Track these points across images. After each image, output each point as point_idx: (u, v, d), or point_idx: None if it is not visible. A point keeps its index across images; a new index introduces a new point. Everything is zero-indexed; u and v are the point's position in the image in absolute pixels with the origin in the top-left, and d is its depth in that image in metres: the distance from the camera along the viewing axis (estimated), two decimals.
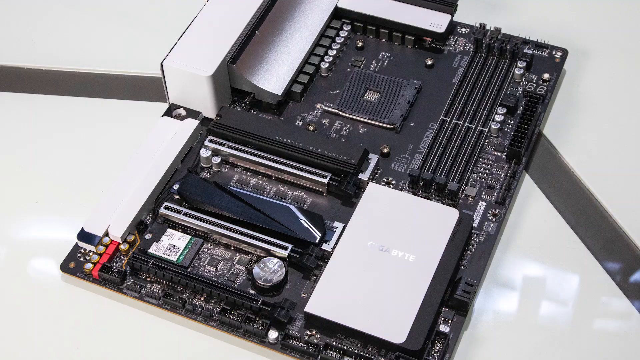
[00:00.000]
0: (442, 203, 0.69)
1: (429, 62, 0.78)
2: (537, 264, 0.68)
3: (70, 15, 0.85)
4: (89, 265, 0.67)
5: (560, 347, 0.63)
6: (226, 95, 0.76)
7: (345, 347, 0.62)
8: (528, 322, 0.65)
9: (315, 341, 0.63)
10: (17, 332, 0.65)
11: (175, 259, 0.67)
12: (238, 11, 0.76)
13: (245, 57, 0.75)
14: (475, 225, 0.68)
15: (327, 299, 0.63)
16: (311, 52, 0.78)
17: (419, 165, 0.71)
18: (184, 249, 0.67)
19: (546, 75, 0.76)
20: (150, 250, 0.67)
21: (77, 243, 0.68)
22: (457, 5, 0.79)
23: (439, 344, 0.62)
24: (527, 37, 0.78)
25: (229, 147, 0.72)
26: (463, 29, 0.80)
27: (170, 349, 0.64)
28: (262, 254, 0.67)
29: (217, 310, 0.64)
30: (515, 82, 0.76)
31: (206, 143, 0.72)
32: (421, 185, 0.70)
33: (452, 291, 0.64)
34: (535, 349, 0.63)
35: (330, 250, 0.66)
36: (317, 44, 0.79)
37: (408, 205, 0.67)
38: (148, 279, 0.66)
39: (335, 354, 0.62)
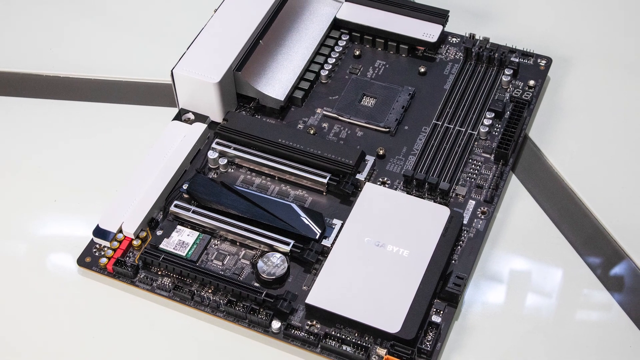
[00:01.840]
0: (434, 202, 0.69)
1: (422, 70, 0.78)
2: (523, 258, 0.68)
3: (87, 26, 0.85)
4: (103, 260, 0.67)
5: (545, 336, 0.63)
6: (232, 101, 0.76)
7: (343, 337, 0.62)
8: (514, 313, 0.65)
9: (316, 331, 0.63)
10: (36, 322, 0.65)
11: (184, 254, 0.67)
12: (243, 22, 0.76)
13: (250, 65, 0.75)
14: (465, 222, 0.68)
15: (327, 292, 0.63)
16: (312, 60, 0.78)
17: (412, 166, 0.71)
18: (192, 245, 0.67)
19: (531, 82, 0.76)
20: (161, 246, 0.67)
21: (92, 239, 0.68)
22: (448, 16, 0.79)
23: (431, 334, 0.62)
24: (514, 47, 0.78)
25: (234, 149, 0.72)
26: (454, 39, 0.80)
27: (179, 338, 0.64)
28: (265, 249, 0.67)
29: (224, 302, 0.64)
30: (503, 88, 0.76)
31: (213, 145, 0.72)
32: (414, 185, 0.70)
33: (444, 284, 0.64)
34: (521, 338, 0.63)
35: (329, 246, 0.66)
36: (317, 52, 0.79)
37: (402, 204, 0.67)
38: (159, 273, 0.66)
39: (334, 342, 0.62)
